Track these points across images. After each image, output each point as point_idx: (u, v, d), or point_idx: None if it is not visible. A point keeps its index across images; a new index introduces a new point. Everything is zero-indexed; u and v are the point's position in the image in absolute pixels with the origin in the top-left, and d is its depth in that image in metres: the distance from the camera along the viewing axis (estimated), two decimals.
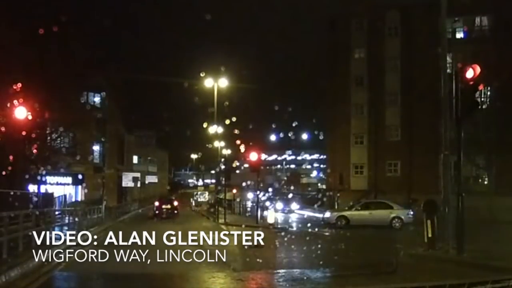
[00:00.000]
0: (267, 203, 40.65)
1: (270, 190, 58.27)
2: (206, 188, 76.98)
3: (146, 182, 70.07)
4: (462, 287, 5.14)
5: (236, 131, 42.43)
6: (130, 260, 13.60)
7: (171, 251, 15.61)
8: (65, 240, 16.91)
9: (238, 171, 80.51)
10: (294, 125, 52.86)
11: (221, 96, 35.28)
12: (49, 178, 30.48)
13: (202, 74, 35.02)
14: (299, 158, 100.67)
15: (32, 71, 21.99)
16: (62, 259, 13.49)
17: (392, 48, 43.60)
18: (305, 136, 70.97)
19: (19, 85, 20.67)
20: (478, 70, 12.57)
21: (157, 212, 36.20)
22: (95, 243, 18.71)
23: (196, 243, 18.80)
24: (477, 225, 18.41)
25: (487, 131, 31.84)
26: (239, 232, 26.04)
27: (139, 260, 13.31)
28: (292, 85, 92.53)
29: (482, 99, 29.59)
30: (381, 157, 43.53)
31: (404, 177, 41.89)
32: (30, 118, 18.47)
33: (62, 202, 31.99)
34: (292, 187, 71.39)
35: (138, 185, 56.63)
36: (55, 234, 17.78)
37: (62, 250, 14.96)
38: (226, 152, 48.60)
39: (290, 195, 59.63)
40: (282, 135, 62.55)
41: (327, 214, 29.63)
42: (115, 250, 16.41)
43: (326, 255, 14.38)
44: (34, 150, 23.39)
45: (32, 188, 24.48)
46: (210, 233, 25.55)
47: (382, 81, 43.76)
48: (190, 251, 15.95)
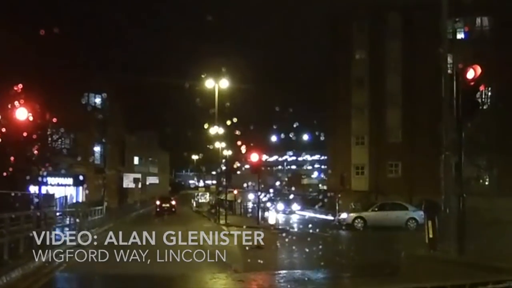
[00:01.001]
0: (268, 204, 40.68)
1: (271, 191, 58.19)
2: (207, 189, 76.93)
3: (147, 183, 70.05)
4: None
5: (237, 132, 42.45)
6: (131, 260, 13.62)
7: (172, 252, 15.64)
8: (65, 241, 16.96)
9: (239, 172, 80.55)
10: (295, 126, 52.88)
11: (222, 97, 35.29)
12: (50, 179, 30.48)
13: (203, 76, 35.09)
14: (300, 159, 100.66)
15: (33, 73, 22.01)
16: (63, 260, 13.52)
17: (393, 49, 43.58)
18: (306, 137, 70.95)
19: (20, 86, 20.69)
20: (479, 70, 12.55)
21: (158, 209, 42.79)
22: (96, 244, 18.77)
23: (196, 244, 18.85)
24: (478, 226, 18.36)
25: (488, 132, 31.79)
26: (240, 233, 26.11)
27: (140, 260, 13.32)
28: (293, 86, 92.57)
29: (483, 100, 29.59)
30: (382, 158, 43.51)
31: (405, 178, 41.85)
32: (31, 119, 18.50)
33: (63, 203, 32.00)
34: (293, 188, 71.39)
35: (139, 186, 56.63)
36: (56, 235, 17.84)
37: (63, 251, 14.99)
38: (227, 153, 48.60)
39: (291, 196, 59.69)
40: (283, 136, 62.53)
41: (344, 215, 29.22)
42: (116, 251, 16.43)
43: (327, 256, 14.37)
44: (35, 151, 23.39)
45: (33, 189, 24.50)
46: (211, 234, 25.54)
47: (383, 82, 43.75)
48: (191, 252, 15.98)
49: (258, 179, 34.52)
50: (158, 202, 44.68)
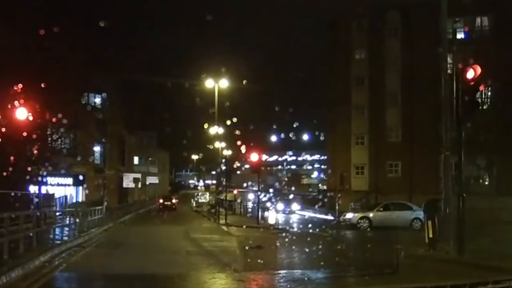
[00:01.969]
0: (268, 204, 40.66)
1: (271, 190, 58.20)
2: (207, 189, 76.96)
3: (147, 183, 70.04)
4: None
5: (237, 132, 42.40)
6: (131, 260, 13.65)
7: (172, 252, 15.67)
8: (65, 241, 16.98)
9: (239, 172, 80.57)
10: (295, 125, 52.77)
11: (222, 96, 35.30)
12: (49, 179, 30.37)
13: (203, 76, 35.10)
14: (300, 158, 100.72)
15: (33, 72, 21.97)
16: (63, 260, 13.53)
17: (392, 48, 43.58)
18: (306, 136, 70.93)
19: (20, 86, 20.65)
20: (479, 70, 12.56)
21: (161, 206, 51.00)
22: (96, 244, 18.82)
23: (197, 244, 18.91)
24: (477, 225, 18.37)
25: (488, 132, 31.84)
26: (240, 233, 26.20)
27: (140, 260, 13.35)
28: (293, 85, 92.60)
29: (483, 100, 29.59)
30: (381, 157, 43.50)
31: (404, 177, 41.85)
32: (31, 119, 18.48)
33: (63, 203, 31.97)
34: (293, 188, 71.40)
35: (139, 186, 56.64)
36: (56, 235, 17.87)
37: (63, 251, 15.01)
38: (227, 153, 48.62)
39: (291, 196, 59.63)
40: (283, 136, 62.46)
41: (349, 215, 29.13)
42: (116, 251, 16.48)
43: (327, 256, 14.37)
44: (35, 151, 23.33)
45: (33, 189, 24.44)
46: (211, 233, 25.60)
47: (383, 81, 43.75)
48: (191, 252, 16.01)
49: (258, 179, 34.52)
50: (161, 200, 53.54)
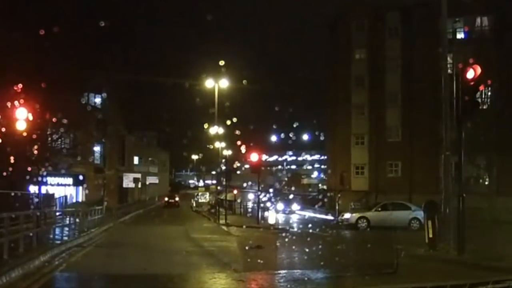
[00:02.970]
0: (268, 204, 40.65)
1: (271, 190, 58.19)
2: (207, 189, 76.99)
3: (147, 183, 70.07)
4: None
5: (237, 132, 42.41)
6: (131, 260, 13.64)
7: (172, 252, 15.67)
8: (65, 240, 16.98)
9: (239, 172, 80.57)
10: (295, 125, 52.80)
11: (222, 96, 35.33)
12: (49, 179, 30.37)
13: (204, 76, 35.12)
14: (300, 158, 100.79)
15: (32, 72, 21.96)
16: (63, 260, 13.53)
17: (392, 48, 43.57)
18: (305, 136, 70.96)
19: (20, 86, 20.64)
20: (479, 70, 12.56)
21: (166, 204, 59.86)
22: (96, 244, 18.82)
23: (197, 244, 18.90)
24: (477, 225, 18.40)
25: (488, 132, 31.80)
26: (240, 232, 26.19)
27: (140, 260, 13.34)
28: (293, 85, 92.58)
29: (483, 100, 29.56)
30: (381, 157, 43.48)
31: (404, 177, 41.83)
32: (31, 119, 18.47)
33: (62, 203, 31.97)
34: (293, 188, 71.43)
35: (139, 186, 56.64)
36: (56, 235, 17.87)
37: (63, 251, 15.01)
38: (227, 152, 48.65)
39: (291, 196, 59.63)
40: (283, 136, 62.47)
41: (347, 215, 29.09)
42: (116, 251, 16.48)
43: (327, 256, 14.37)
44: (35, 151, 23.32)
45: (32, 189, 24.43)
46: (211, 233, 25.59)
47: (383, 81, 43.72)
48: (191, 252, 16.01)
49: (258, 179, 34.52)
50: (166, 198, 62.88)
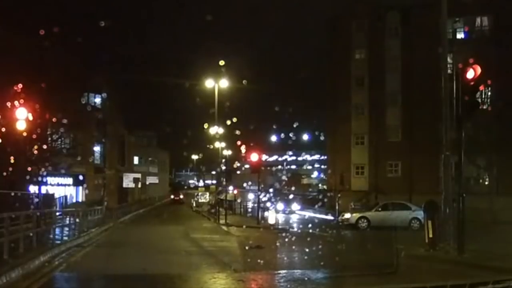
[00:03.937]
0: (268, 204, 40.63)
1: (271, 190, 58.17)
2: (207, 188, 76.99)
3: (147, 183, 70.07)
4: None
5: (237, 132, 42.38)
6: (131, 260, 13.64)
7: (172, 252, 15.67)
8: (65, 240, 16.98)
9: (239, 172, 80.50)
10: (295, 125, 52.64)
11: (222, 96, 35.33)
12: (49, 179, 30.40)
13: (204, 76, 35.14)
14: (300, 158, 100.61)
15: (33, 72, 21.99)
16: (63, 260, 13.53)
17: (392, 48, 43.58)
18: (305, 136, 70.82)
19: (20, 86, 20.66)
20: (479, 70, 12.56)
21: (173, 201, 70.85)
22: (96, 244, 18.82)
23: (196, 244, 18.91)
24: (477, 225, 18.40)
25: (488, 132, 31.78)
26: (240, 233, 26.18)
27: (140, 260, 13.33)
28: (293, 85, 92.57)
29: (483, 100, 29.55)
30: (381, 157, 43.49)
31: (404, 177, 41.85)
32: (30, 118, 18.48)
33: (62, 203, 31.98)
34: (293, 188, 71.28)
35: (139, 186, 56.63)
36: (56, 235, 17.86)
37: (63, 251, 15.01)
38: (227, 152, 48.63)
39: (291, 196, 59.53)
40: (283, 136, 62.36)
41: (347, 215, 29.10)
42: (116, 251, 16.48)
43: (327, 256, 14.35)
44: (35, 151, 23.33)
45: (32, 189, 24.44)
46: (211, 233, 25.58)
47: (383, 81, 43.74)
48: (191, 252, 16.01)
49: (258, 179, 34.51)
50: (172, 196, 74.27)
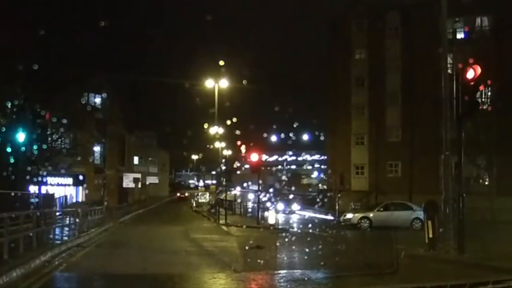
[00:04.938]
0: (268, 204, 40.63)
1: (271, 190, 58.17)
2: (207, 188, 77.02)
3: (147, 183, 70.04)
4: None
5: (237, 132, 42.43)
6: (131, 260, 13.65)
7: (172, 252, 15.67)
8: (66, 240, 16.98)
9: (238, 172, 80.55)
10: (295, 125, 52.71)
11: (221, 96, 35.34)
12: (49, 179, 30.42)
13: (204, 76, 35.17)
14: (300, 159, 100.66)
15: (33, 72, 22.01)
16: (63, 260, 13.53)
17: (392, 48, 43.52)
18: (305, 136, 70.82)
19: (20, 86, 20.71)
20: (479, 70, 12.55)
21: (178, 198, 78.20)
22: (96, 244, 18.82)
23: (197, 244, 18.91)
24: (477, 225, 18.38)
25: (488, 132, 31.78)
26: (240, 233, 26.19)
27: (140, 260, 13.34)
28: (293, 85, 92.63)
29: (483, 100, 29.56)
30: (381, 157, 43.45)
31: (404, 177, 41.80)
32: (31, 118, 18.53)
33: (62, 203, 31.95)
34: (293, 188, 71.29)
35: (139, 186, 56.63)
36: (56, 235, 17.86)
37: (63, 251, 15.01)
38: (227, 153, 48.68)
39: (291, 196, 59.55)
40: (282, 136, 62.35)
41: (349, 215, 29.04)
42: (116, 251, 16.48)
43: (327, 256, 14.35)
44: (35, 151, 23.36)
45: (32, 189, 24.47)
46: (211, 233, 25.58)
47: (383, 81, 43.69)
48: (191, 252, 16.01)
49: (258, 179, 34.50)
50: (178, 194, 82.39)
